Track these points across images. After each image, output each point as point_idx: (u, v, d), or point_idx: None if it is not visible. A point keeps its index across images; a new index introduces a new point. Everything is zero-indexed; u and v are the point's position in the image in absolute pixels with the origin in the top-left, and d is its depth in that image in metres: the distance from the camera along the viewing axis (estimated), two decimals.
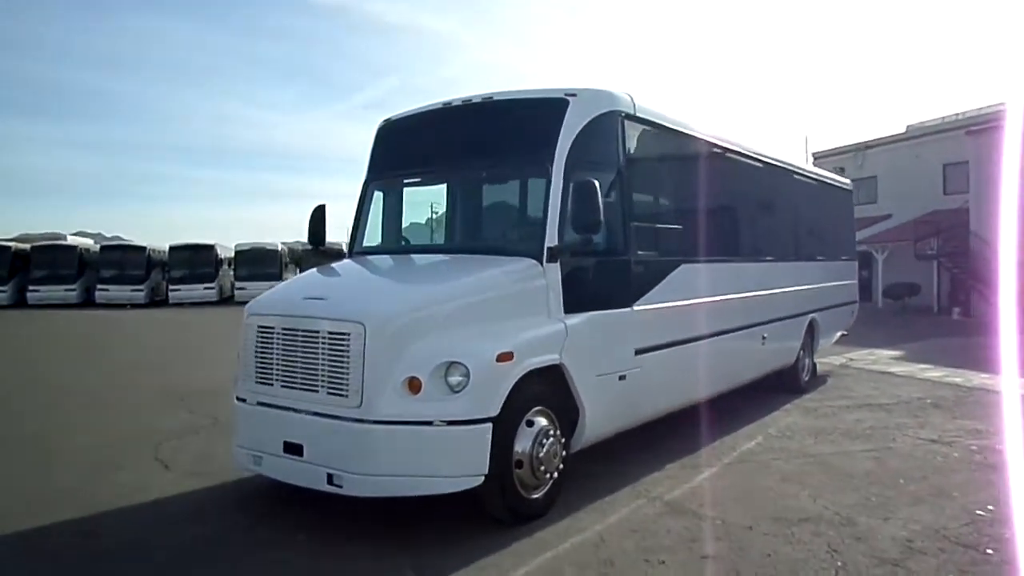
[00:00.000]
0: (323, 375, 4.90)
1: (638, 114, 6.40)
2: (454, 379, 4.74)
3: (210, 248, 37.94)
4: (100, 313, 30.81)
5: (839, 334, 12.62)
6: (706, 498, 5.79)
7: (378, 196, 6.84)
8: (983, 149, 27.40)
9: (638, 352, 6.23)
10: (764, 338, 8.96)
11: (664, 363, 6.62)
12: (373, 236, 6.80)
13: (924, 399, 10.21)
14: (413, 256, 6.58)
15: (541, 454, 5.16)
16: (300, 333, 5.04)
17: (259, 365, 5.28)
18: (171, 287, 36.84)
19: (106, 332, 22.53)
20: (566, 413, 5.55)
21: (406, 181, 6.82)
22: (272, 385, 5.20)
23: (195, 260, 37.17)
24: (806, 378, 10.85)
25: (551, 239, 5.53)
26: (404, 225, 6.88)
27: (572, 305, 5.62)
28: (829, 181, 12.25)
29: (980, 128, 28.43)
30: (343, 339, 4.81)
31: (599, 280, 5.99)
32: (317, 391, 4.93)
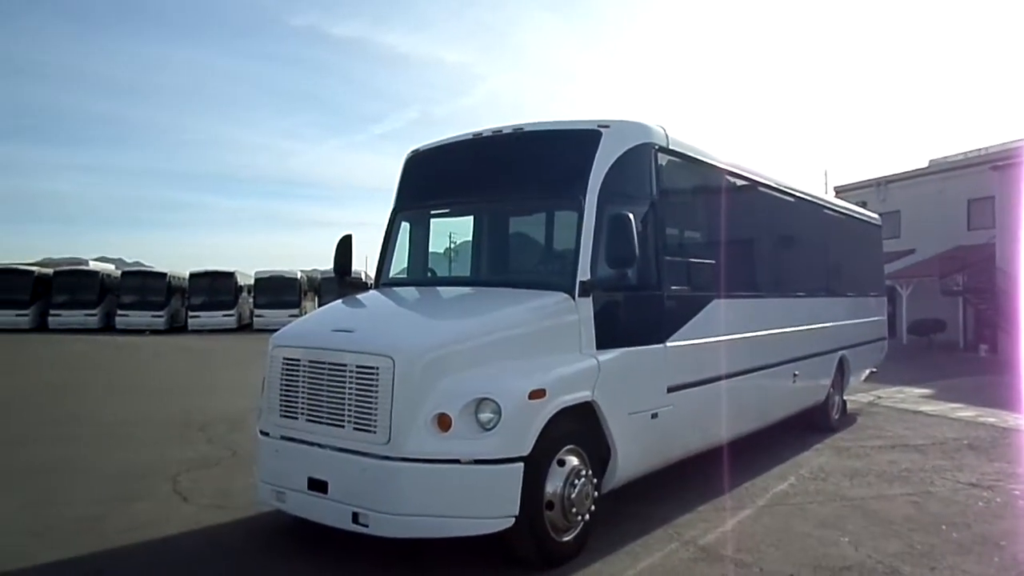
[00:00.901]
0: (350, 410, 4.76)
1: (671, 147, 6.28)
2: (485, 416, 4.59)
3: (230, 275, 38.05)
4: (120, 339, 30.91)
5: (869, 371, 12.35)
6: (742, 543, 5.57)
7: (405, 227, 6.74)
8: (1009, 184, 27.10)
9: (671, 390, 6.05)
10: (795, 375, 8.75)
11: (696, 401, 6.44)
12: (400, 267, 6.70)
13: (959, 440, 9.92)
14: (441, 289, 6.46)
15: (573, 495, 4.98)
16: (327, 366, 4.92)
17: (284, 398, 5.16)
18: (191, 314, 36.97)
19: (125, 358, 22.55)
20: (597, 452, 5.38)
21: (434, 212, 6.72)
22: (297, 419, 5.07)
23: (215, 287, 37.29)
24: (836, 416, 10.59)
25: (583, 273, 5.40)
26: (431, 257, 6.77)
27: (604, 341, 5.47)
28: (858, 216, 12.07)
29: (1005, 163, 28.14)
30: (371, 373, 4.68)
31: (632, 315, 5.83)
32: (343, 426, 4.79)
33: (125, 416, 11.13)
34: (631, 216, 5.25)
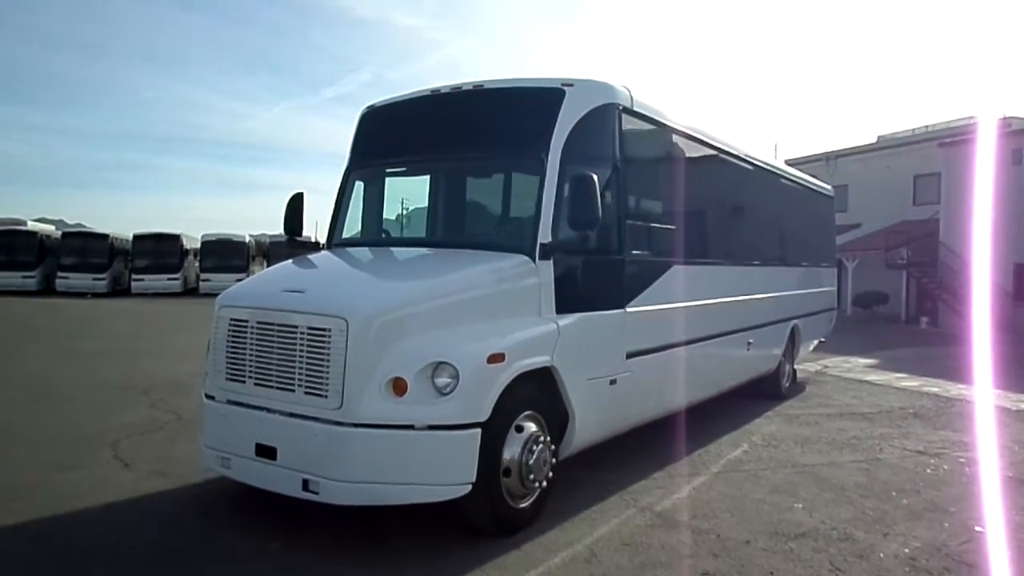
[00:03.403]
0: (300, 373, 4.56)
1: (635, 108, 6.13)
2: (442, 381, 4.43)
3: (175, 238, 36.97)
4: (60, 301, 29.86)
5: (818, 341, 12.53)
6: (698, 509, 5.55)
7: (359, 186, 6.49)
8: (955, 161, 27.73)
9: (629, 356, 5.97)
10: (749, 343, 8.78)
11: (654, 368, 6.38)
12: (353, 227, 6.46)
13: (905, 409, 10.12)
14: (396, 250, 6.23)
15: (530, 462, 4.87)
16: (276, 328, 4.70)
17: (230, 361, 4.93)
18: (134, 277, 35.85)
19: (66, 321, 21.78)
20: (555, 418, 5.28)
21: (389, 171, 6.48)
22: (244, 383, 4.84)
23: (159, 250, 36.19)
24: (787, 385, 10.71)
25: (544, 235, 5.25)
26: (386, 217, 6.54)
27: (564, 305, 5.34)
28: (813, 187, 12.13)
29: (952, 140, 28.77)
30: (323, 335, 4.48)
31: (592, 280, 5.71)
32: (293, 390, 4.59)
33: (64, 380, 10.70)
34: (595, 177, 5.10)
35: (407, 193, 6.63)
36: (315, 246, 6.55)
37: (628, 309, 5.97)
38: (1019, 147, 28.28)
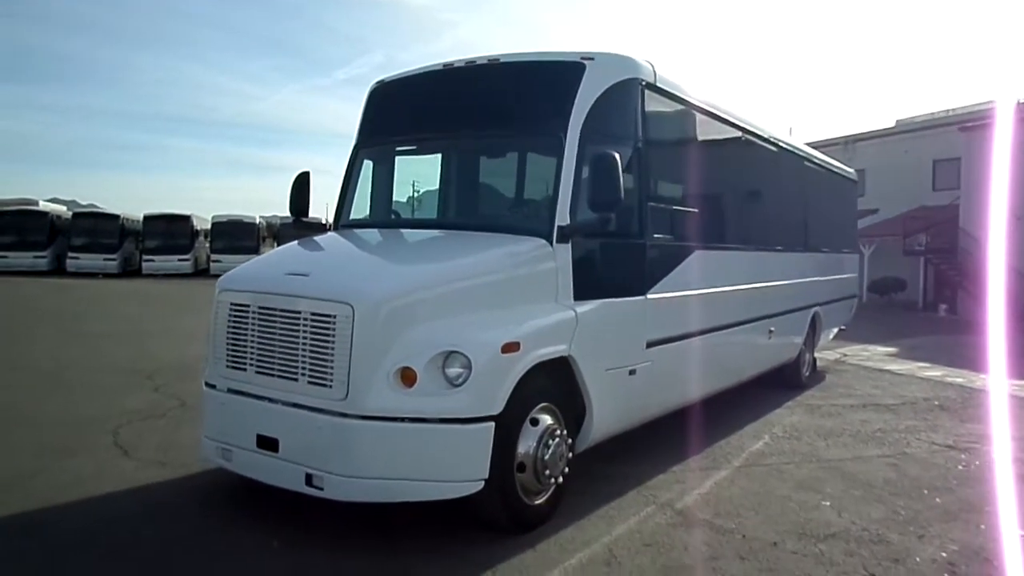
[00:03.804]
0: (304, 362, 4.31)
1: (659, 84, 5.82)
2: (453, 371, 4.17)
3: (186, 219, 36.98)
4: (70, 282, 29.79)
5: (838, 329, 12.21)
6: (720, 506, 5.29)
7: (368, 165, 6.20)
8: (975, 146, 27.16)
9: (650, 345, 5.70)
10: (771, 332, 8.49)
11: (675, 357, 6.11)
12: (361, 208, 6.18)
13: (929, 400, 9.81)
14: (406, 232, 5.96)
15: (546, 456, 4.62)
16: (279, 313, 4.44)
17: (231, 348, 4.68)
18: (145, 257, 35.87)
19: (74, 302, 21.67)
20: (571, 410, 5.02)
21: (399, 149, 6.18)
22: (245, 371, 4.60)
23: (170, 231, 36.20)
24: (807, 374, 10.41)
25: (562, 217, 4.96)
26: (396, 197, 6.26)
27: (582, 291, 5.07)
28: (837, 170, 11.76)
29: (973, 124, 28.18)
30: (328, 321, 4.22)
31: (612, 264, 5.43)
32: (297, 379, 4.34)
33: (68, 363, 10.54)
34: (617, 156, 4.81)
35: (418, 173, 6.35)
36: (322, 227, 6.25)
37: (649, 296, 5.69)
38: None
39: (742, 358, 8.00)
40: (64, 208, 44.43)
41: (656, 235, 5.75)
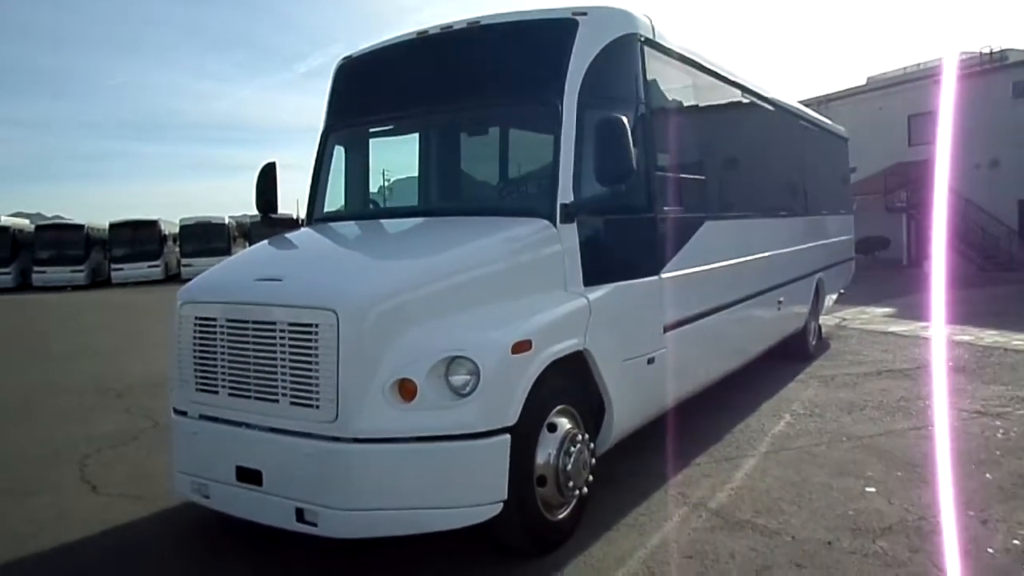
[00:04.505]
0: (284, 380, 3.72)
1: (658, 40, 5.25)
2: (458, 379, 3.61)
3: (153, 224, 35.97)
4: (36, 297, 28.79)
5: (837, 294, 11.78)
6: (759, 502, 4.78)
7: (340, 151, 5.59)
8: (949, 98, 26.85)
9: (666, 329, 5.16)
10: (780, 302, 8.00)
11: (692, 340, 5.58)
12: (336, 200, 5.57)
13: (942, 362, 9.40)
14: (389, 222, 5.32)
15: (568, 466, 4.07)
16: (251, 326, 3.84)
17: (199, 368, 4.08)
18: (113, 267, 34.84)
19: (40, 319, 20.78)
20: (588, 409, 4.47)
21: (373, 130, 5.56)
22: (218, 393, 4.00)
23: (138, 237, 35.13)
24: (813, 343, 9.97)
25: (565, 194, 4.39)
26: (374, 185, 5.65)
27: (593, 275, 4.51)
28: (830, 129, 11.28)
29: (946, 77, 27.86)
30: (309, 332, 3.64)
31: (624, 243, 4.88)
32: (277, 400, 3.75)
33: (31, 386, 9.81)
34: (625, 119, 4.24)
35: (397, 156, 5.73)
36: (294, 223, 5.60)
37: (663, 275, 5.15)
38: (1020, 80, 27.51)
39: (755, 333, 7.51)
40: (27, 222, 43.14)
41: (666, 208, 5.20)
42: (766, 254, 7.40)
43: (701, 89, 6.22)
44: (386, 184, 5.77)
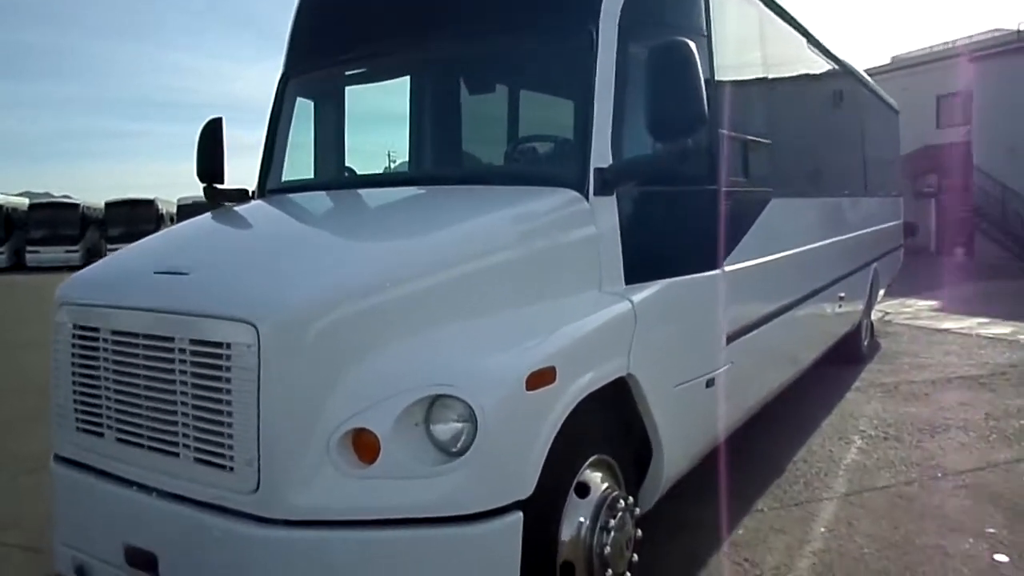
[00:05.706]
0: (187, 425, 2.48)
1: None
2: (444, 429, 2.35)
3: (150, 203, 35.15)
4: (27, 278, 27.68)
5: (886, 287, 10.49)
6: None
7: (305, 103, 4.32)
8: (989, 77, 25.39)
9: (730, 339, 3.90)
10: (841, 298, 6.73)
11: (757, 350, 4.34)
12: (298, 165, 4.31)
13: (1017, 367, 8.14)
14: (363, 193, 3.95)
15: (606, 545, 2.82)
16: (141, 340, 2.60)
17: (80, 400, 2.84)
18: (109, 246, 33.62)
19: (22, 304, 19.65)
20: (629, 455, 3.23)
21: (348, 73, 4.24)
22: (103, 436, 2.77)
23: (134, 216, 34.11)
24: (866, 343, 8.71)
25: (601, 156, 3.12)
26: (348, 145, 4.35)
27: (637, 269, 3.23)
28: (884, 98, 9.91)
29: (985, 54, 26.38)
30: (218, 354, 2.39)
31: (678, 225, 3.60)
32: (178, 455, 2.51)
33: None
34: (692, 46, 2.96)
35: (380, 107, 4.45)
36: (243, 195, 4.28)
37: (726, 268, 3.87)
38: None
39: (815, 336, 6.26)
40: (23, 200, 42.16)
41: (731, 179, 3.92)
42: (831, 240, 6.14)
43: (767, 32, 4.91)
44: (365, 144, 4.46)
